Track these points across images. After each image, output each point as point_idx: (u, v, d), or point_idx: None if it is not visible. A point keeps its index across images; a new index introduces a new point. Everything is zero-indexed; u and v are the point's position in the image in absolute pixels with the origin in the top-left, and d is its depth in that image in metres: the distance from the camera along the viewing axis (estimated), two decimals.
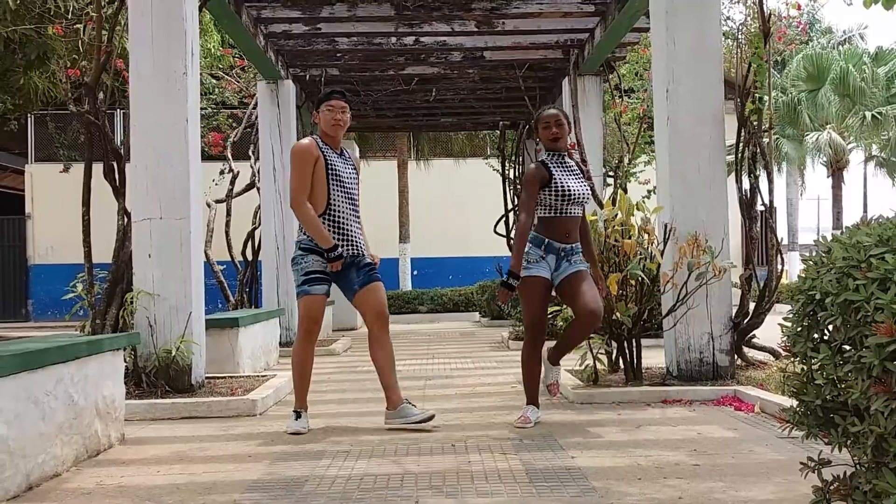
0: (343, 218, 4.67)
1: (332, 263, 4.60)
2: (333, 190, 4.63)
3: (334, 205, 4.64)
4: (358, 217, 4.78)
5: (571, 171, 4.74)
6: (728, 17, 20.67)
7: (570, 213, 4.67)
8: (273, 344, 8.41)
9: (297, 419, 4.64)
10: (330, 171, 4.63)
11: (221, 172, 11.77)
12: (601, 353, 5.81)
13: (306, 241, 4.66)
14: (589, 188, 4.87)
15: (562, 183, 4.64)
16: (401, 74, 11.03)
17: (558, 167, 4.70)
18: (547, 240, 4.64)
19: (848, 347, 2.23)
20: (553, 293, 4.74)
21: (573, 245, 4.68)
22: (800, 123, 23.17)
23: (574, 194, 4.65)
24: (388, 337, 4.74)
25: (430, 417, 4.57)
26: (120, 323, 5.83)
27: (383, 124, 14.56)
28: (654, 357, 6.46)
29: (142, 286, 5.61)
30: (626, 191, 9.90)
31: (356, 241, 4.72)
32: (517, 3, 8.50)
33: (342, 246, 4.65)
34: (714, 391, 5.38)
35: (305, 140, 4.71)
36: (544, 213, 4.69)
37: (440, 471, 3.60)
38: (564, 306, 5.69)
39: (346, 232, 4.67)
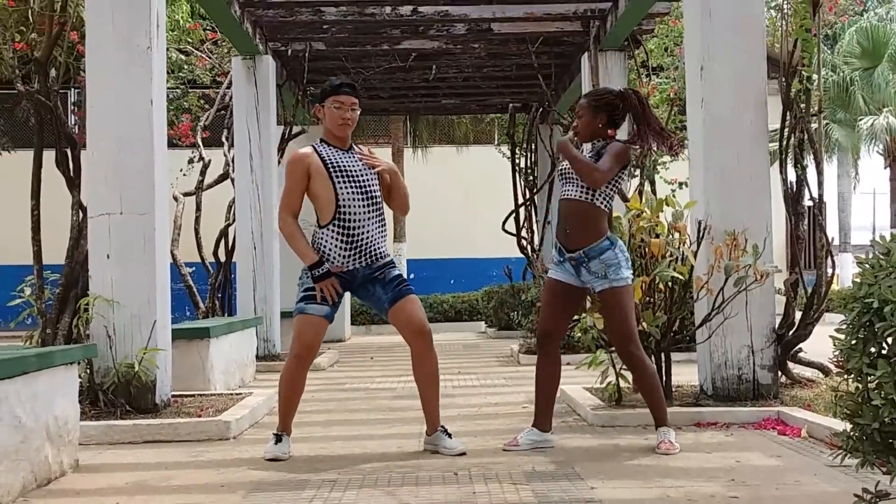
0: (356, 223, 4.53)
1: (318, 283, 4.50)
2: (342, 189, 4.52)
3: (344, 207, 4.52)
4: (380, 219, 4.63)
5: (588, 152, 4.82)
6: None
7: (564, 195, 4.70)
8: (249, 357, 8.41)
9: (276, 443, 4.64)
10: (332, 170, 4.54)
11: (190, 161, 11.80)
12: (625, 370, 5.80)
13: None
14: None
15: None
16: (396, 50, 11.03)
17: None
18: (557, 243, 4.76)
19: None
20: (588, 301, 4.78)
21: (583, 251, 4.57)
22: (853, 106, 23.15)
23: (562, 168, 4.74)
24: (433, 355, 4.68)
25: (462, 454, 4.58)
26: (74, 333, 5.83)
27: (376, 106, 14.57)
28: (685, 373, 6.46)
29: (99, 291, 5.61)
30: (653, 183, 9.91)
31: (372, 250, 4.59)
32: None
33: (353, 258, 4.56)
34: (754, 413, 5.37)
35: (302, 149, 4.69)
36: None
37: (441, 503, 3.59)
38: (584, 315, 5.70)
39: (358, 240, 4.55)
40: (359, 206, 4.56)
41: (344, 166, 4.59)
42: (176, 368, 6.19)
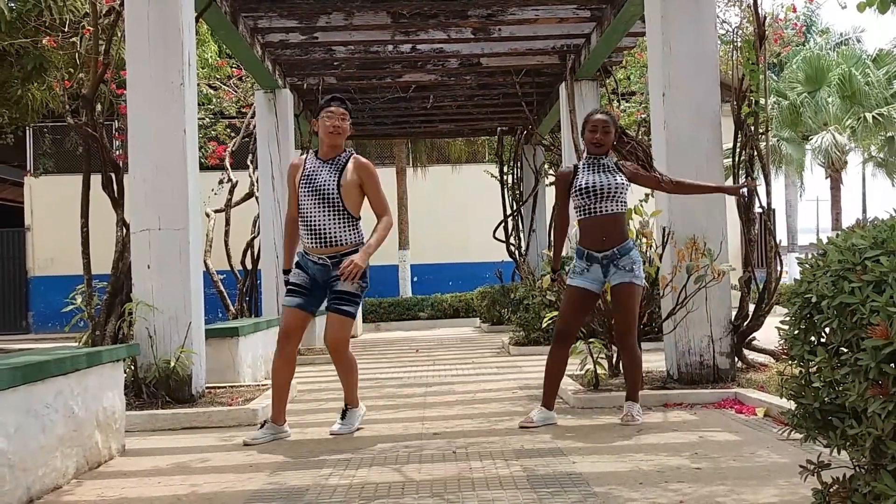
0: (309, 213, 4.61)
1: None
2: (302, 192, 4.64)
3: (302, 204, 4.65)
4: (333, 213, 4.58)
5: (603, 169, 4.77)
6: (724, 21, 20.70)
7: (602, 210, 4.69)
8: (273, 353, 8.39)
9: (259, 428, 4.70)
10: (303, 179, 4.65)
11: (220, 182, 11.80)
12: (601, 358, 5.81)
13: (299, 252, 4.76)
14: (622, 181, 4.72)
15: (583, 180, 4.72)
16: (398, 82, 11.05)
17: (588, 167, 4.78)
18: (586, 251, 4.74)
19: (845, 350, 2.24)
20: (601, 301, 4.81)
21: (616, 248, 4.68)
22: (801, 125, 23.23)
23: (595, 187, 4.68)
24: (342, 359, 4.76)
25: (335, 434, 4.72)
26: (119, 334, 5.83)
27: (381, 132, 14.59)
28: (654, 360, 6.46)
29: (141, 297, 5.61)
30: None
31: (324, 235, 4.58)
32: (513, 9, 8.52)
33: (309, 238, 4.63)
34: (715, 394, 5.38)
35: (297, 157, 4.78)
36: (578, 216, 4.80)
37: (441, 478, 3.60)
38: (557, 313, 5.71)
39: (311, 226, 4.62)
40: (311, 203, 4.60)
41: (311, 176, 4.64)
42: (209, 363, 6.18)
